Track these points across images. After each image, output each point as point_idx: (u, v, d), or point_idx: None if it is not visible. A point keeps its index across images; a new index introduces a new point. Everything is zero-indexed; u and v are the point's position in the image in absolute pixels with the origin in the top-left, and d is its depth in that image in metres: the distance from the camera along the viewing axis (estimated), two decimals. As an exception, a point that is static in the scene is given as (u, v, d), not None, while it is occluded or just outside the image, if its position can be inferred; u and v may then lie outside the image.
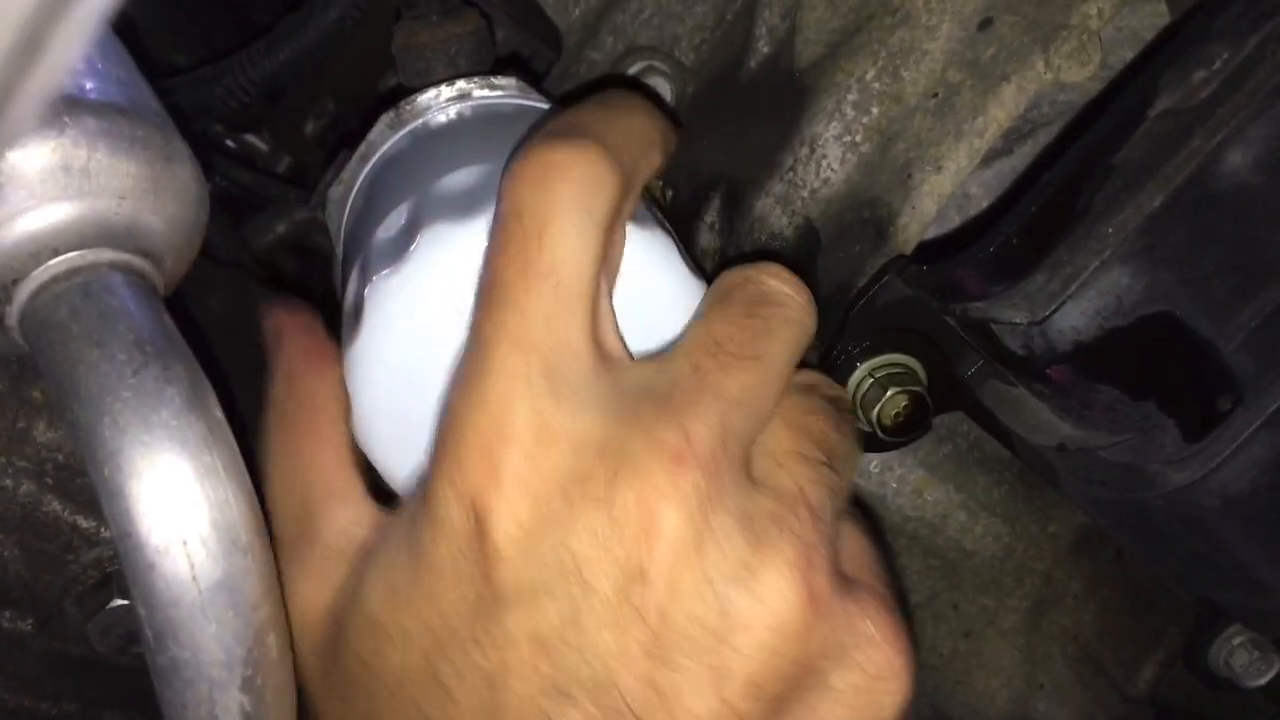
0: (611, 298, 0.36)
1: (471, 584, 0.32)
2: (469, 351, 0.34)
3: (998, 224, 0.36)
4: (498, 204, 0.35)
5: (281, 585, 0.36)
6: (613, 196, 0.35)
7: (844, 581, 0.34)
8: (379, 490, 0.39)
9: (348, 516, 0.37)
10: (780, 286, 0.37)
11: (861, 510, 0.39)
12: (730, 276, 0.38)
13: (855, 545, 0.37)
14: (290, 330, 0.41)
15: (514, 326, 0.33)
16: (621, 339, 0.36)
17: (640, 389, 0.34)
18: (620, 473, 0.32)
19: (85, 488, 0.42)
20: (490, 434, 0.32)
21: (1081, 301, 0.37)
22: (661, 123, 0.39)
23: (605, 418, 0.33)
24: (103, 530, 0.43)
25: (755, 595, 0.32)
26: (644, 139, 0.38)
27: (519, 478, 0.32)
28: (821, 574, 0.32)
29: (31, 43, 0.18)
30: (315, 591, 0.36)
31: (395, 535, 0.35)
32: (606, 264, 0.35)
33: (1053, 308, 0.37)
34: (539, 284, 0.33)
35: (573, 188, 0.34)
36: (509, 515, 0.32)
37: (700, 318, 0.37)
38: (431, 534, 0.33)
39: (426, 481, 0.34)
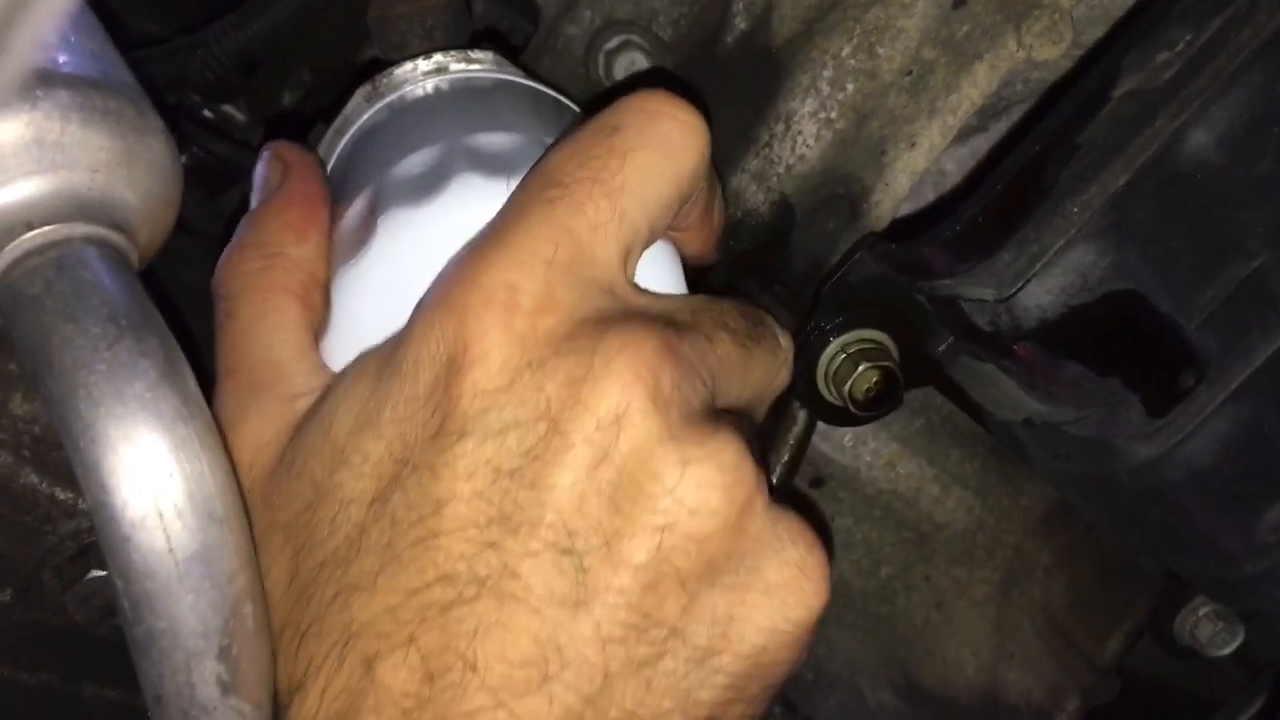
0: (638, 259, 0.37)
1: (440, 414, 0.33)
2: (501, 221, 0.35)
3: (964, 203, 0.37)
4: (599, 116, 0.36)
5: (228, 420, 0.37)
6: (699, 165, 0.37)
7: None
8: None
9: (316, 366, 0.38)
10: (782, 332, 0.41)
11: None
12: (748, 304, 0.40)
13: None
14: (301, 170, 0.41)
15: (561, 210, 0.34)
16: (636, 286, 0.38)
17: (644, 309, 0.36)
18: (611, 336, 0.33)
19: (62, 460, 0.42)
20: (505, 286, 0.33)
21: (1047, 279, 0.38)
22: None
23: (612, 301, 0.35)
24: (80, 502, 0.43)
25: (714, 462, 0.33)
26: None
27: (513, 326, 0.33)
28: (762, 482, 0.35)
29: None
30: (271, 426, 0.36)
31: (371, 362, 0.36)
32: (664, 220, 0.37)
33: (1018, 285, 0.38)
34: (599, 198, 0.35)
35: (677, 131, 0.36)
36: (496, 355, 0.33)
37: (714, 297, 0.39)
38: (413, 360, 0.34)
39: (414, 321, 0.35)
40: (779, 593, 0.34)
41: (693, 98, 0.37)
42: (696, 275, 0.42)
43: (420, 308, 0.35)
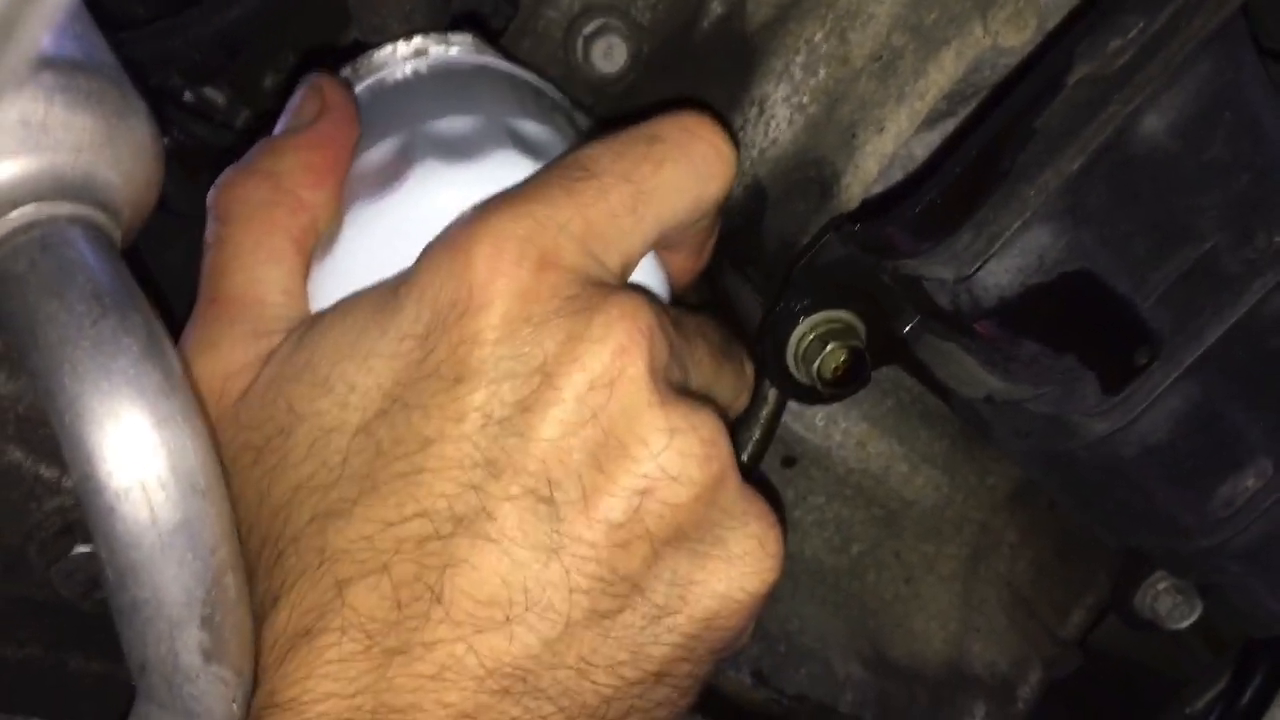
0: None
1: (440, 354, 0.34)
2: (525, 187, 0.36)
3: (926, 184, 0.38)
4: (643, 125, 0.38)
5: (197, 340, 0.37)
6: (724, 189, 0.38)
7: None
8: None
9: (302, 310, 0.38)
10: (749, 361, 0.44)
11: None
12: (722, 325, 0.43)
13: None
14: (338, 113, 0.40)
15: (585, 198, 0.35)
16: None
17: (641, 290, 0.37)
18: (612, 301, 0.34)
19: (47, 437, 0.43)
20: (519, 240, 0.34)
21: (1005, 259, 0.39)
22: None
23: (614, 280, 0.36)
24: (65, 479, 0.44)
25: (698, 434, 0.35)
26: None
27: (520, 278, 0.34)
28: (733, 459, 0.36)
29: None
30: (244, 350, 0.37)
31: (366, 300, 0.36)
32: (667, 235, 0.38)
33: (977, 265, 0.39)
34: (625, 194, 0.36)
35: (712, 152, 0.37)
36: (500, 305, 0.34)
37: (696, 315, 0.41)
38: (417, 303, 0.35)
39: (419, 264, 0.35)
40: (738, 563, 0.35)
41: (729, 131, 0.39)
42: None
43: (428, 250, 0.36)
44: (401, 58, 0.45)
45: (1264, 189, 0.41)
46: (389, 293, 0.36)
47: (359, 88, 0.45)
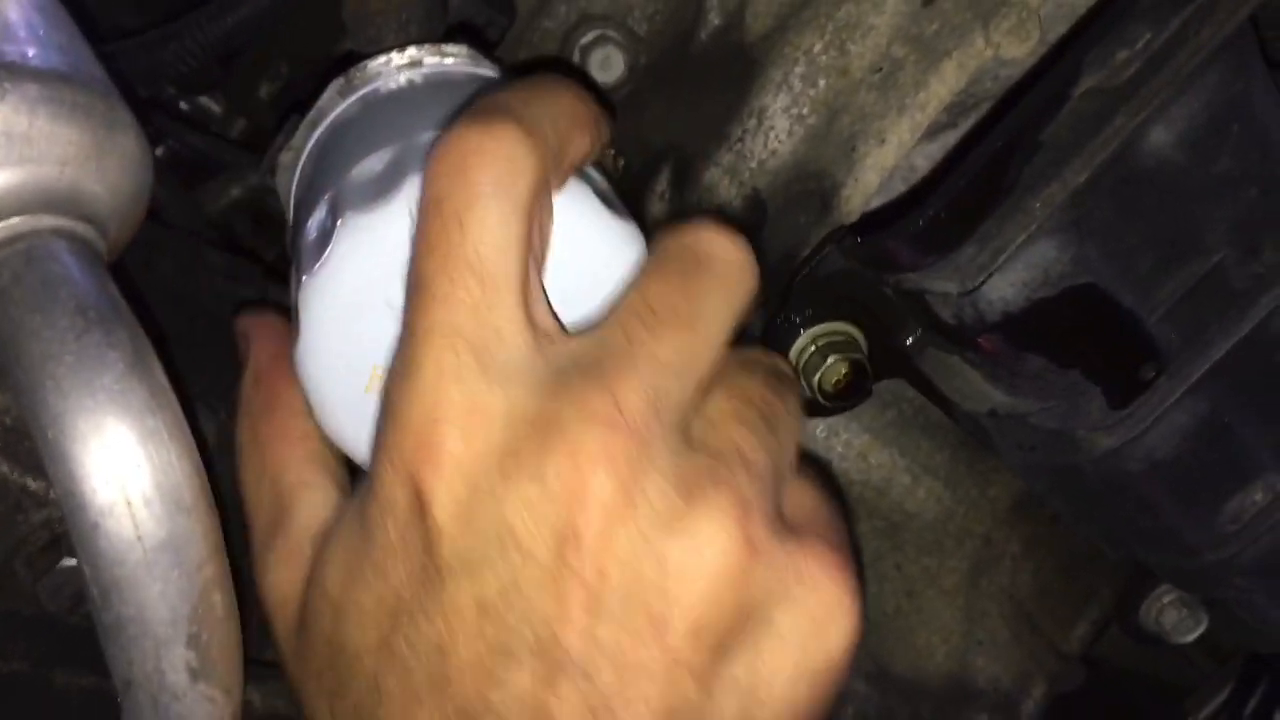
0: (541, 275, 0.36)
1: (417, 558, 0.33)
2: (401, 344, 0.35)
3: (929, 197, 0.37)
4: (421, 192, 0.35)
5: (257, 574, 0.38)
6: (535, 178, 0.35)
7: (786, 529, 0.35)
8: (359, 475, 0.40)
9: (318, 503, 0.39)
10: (718, 247, 0.37)
11: (823, 477, 0.40)
12: (669, 237, 0.38)
13: (805, 499, 0.37)
14: (257, 333, 0.43)
15: (441, 318, 0.34)
16: (554, 314, 0.37)
17: (573, 361, 0.34)
18: (551, 442, 0.33)
19: (34, 450, 0.42)
20: (425, 419, 0.33)
21: (1009, 273, 0.39)
22: (592, 106, 0.39)
23: (538, 392, 0.33)
24: (51, 492, 0.43)
25: (691, 545, 0.32)
26: (571, 118, 0.37)
27: (454, 457, 0.33)
28: (759, 523, 0.33)
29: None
30: (287, 577, 0.38)
31: (349, 517, 0.36)
32: (533, 244, 0.35)
33: (981, 279, 0.38)
34: (463, 275, 0.34)
35: (492, 172, 0.34)
36: (446, 492, 0.33)
37: (635, 282, 0.37)
38: (378, 514, 0.34)
39: (373, 466, 0.35)
40: (795, 639, 0.33)
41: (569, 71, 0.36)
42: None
43: (373, 451, 0.35)
44: (396, 68, 0.45)
45: (1272, 202, 0.41)
46: (361, 506, 0.36)
47: (352, 98, 0.45)
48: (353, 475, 0.41)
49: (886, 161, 0.47)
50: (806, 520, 0.36)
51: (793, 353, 0.46)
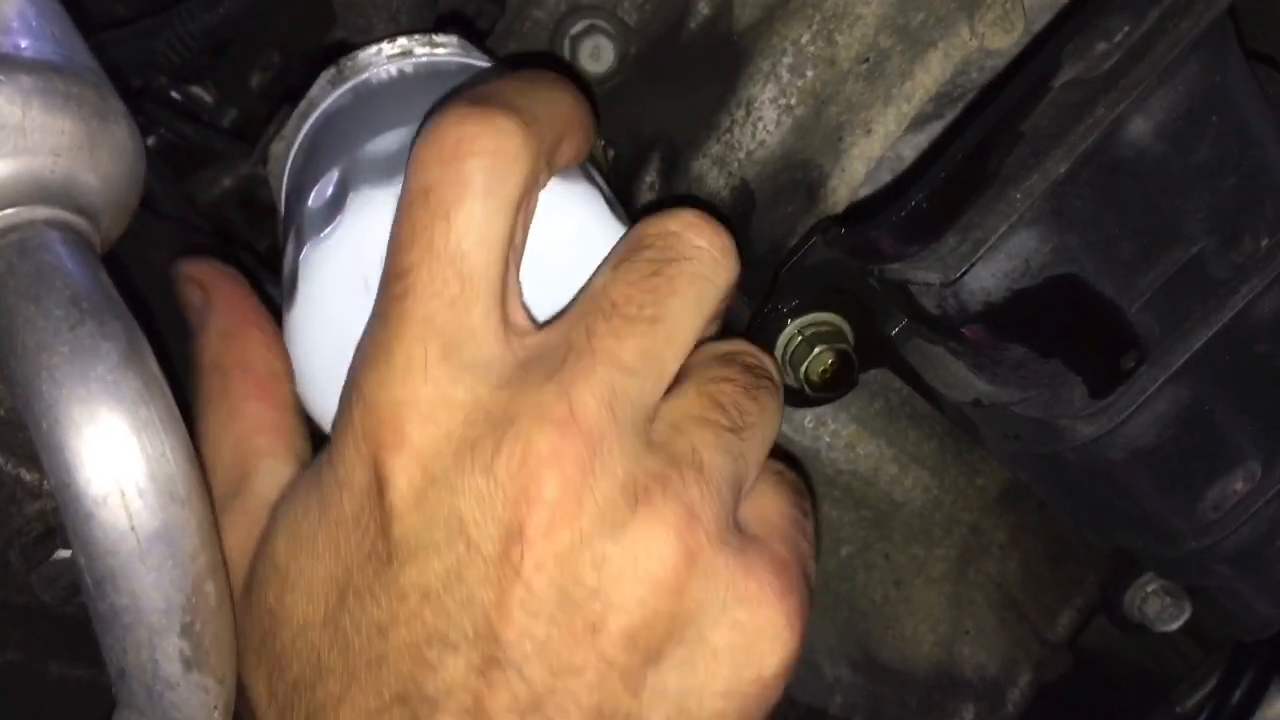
0: (518, 269, 0.36)
1: (370, 538, 0.34)
2: (373, 327, 0.35)
3: (911, 188, 0.38)
4: (405, 178, 0.35)
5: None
6: (527, 174, 0.34)
7: (733, 541, 0.34)
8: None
9: (281, 474, 0.39)
10: (692, 238, 0.36)
11: (798, 480, 0.40)
12: (640, 229, 0.37)
13: (768, 507, 0.37)
14: (219, 286, 0.42)
15: (417, 310, 0.34)
16: (526, 309, 0.36)
17: (539, 357, 0.34)
18: (505, 439, 0.33)
19: (28, 441, 0.42)
20: (392, 405, 0.33)
21: (991, 263, 0.39)
22: (587, 106, 0.39)
23: (500, 389, 0.34)
24: (46, 483, 0.43)
25: (630, 552, 0.33)
26: (567, 118, 0.37)
27: (416, 444, 0.33)
28: (703, 534, 0.33)
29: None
30: (239, 544, 0.37)
31: (303, 488, 0.36)
32: (515, 240, 0.35)
33: (963, 269, 0.39)
34: (444, 271, 0.34)
35: (484, 165, 0.33)
36: (405, 477, 0.33)
37: (601, 275, 0.37)
38: (336, 489, 0.35)
39: (333, 442, 0.35)
40: (728, 656, 0.34)
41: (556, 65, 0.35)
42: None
43: (335, 427, 0.36)
44: (387, 58, 0.45)
45: (1251, 192, 0.41)
46: (317, 477, 0.36)
47: (343, 88, 0.45)
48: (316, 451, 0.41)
49: (873, 152, 0.47)
50: (765, 532, 0.36)
51: (779, 343, 0.46)
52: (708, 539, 0.33)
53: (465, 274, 0.34)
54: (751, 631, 0.34)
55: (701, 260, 0.36)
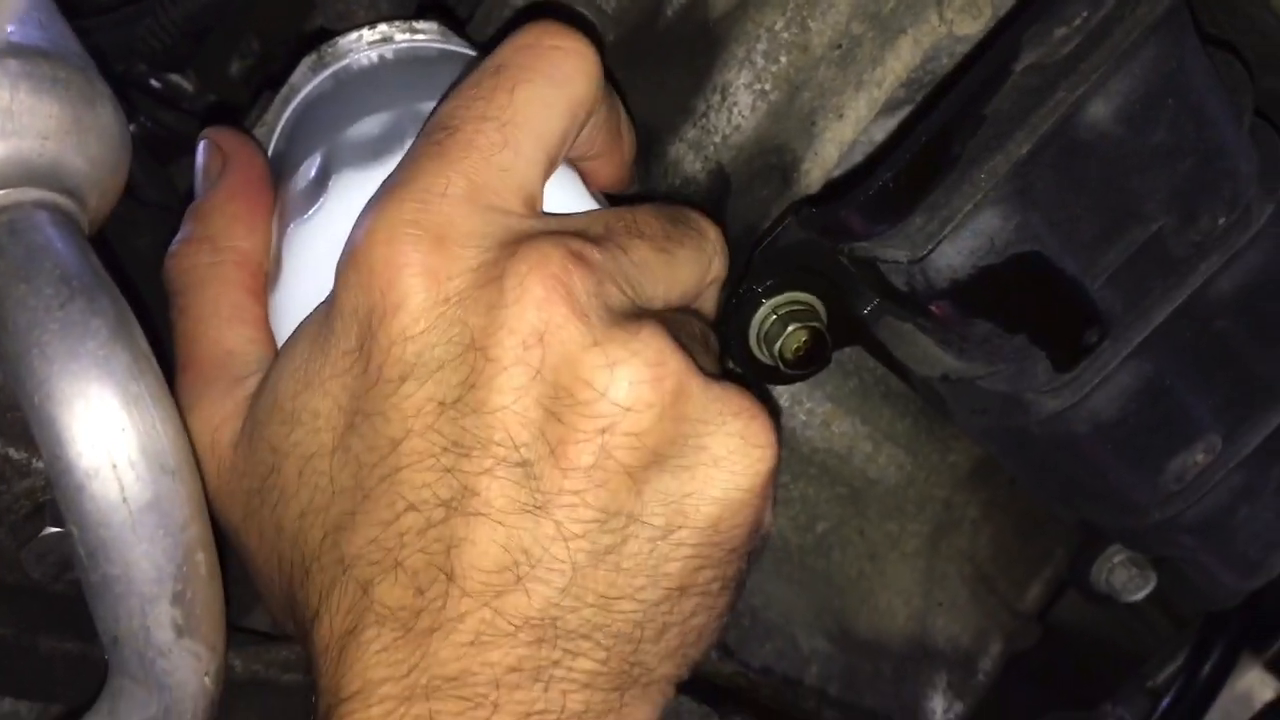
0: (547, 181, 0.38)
1: (378, 362, 0.35)
2: (399, 167, 0.37)
3: (878, 168, 0.39)
4: (490, 56, 0.37)
5: (185, 404, 0.38)
6: (593, 98, 0.37)
7: (718, 368, 0.39)
8: None
9: (267, 350, 0.40)
10: (707, 225, 0.41)
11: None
12: (666, 205, 0.41)
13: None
14: (240, 157, 0.43)
15: (453, 152, 0.36)
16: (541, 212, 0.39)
17: (555, 219, 0.37)
18: (520, 256, 0.35)
19: (16, 420, 0.43)
20: (398, 225, 0.35)
21: (957, 241, 0.40)
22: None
23: (518, 224, 0.36)
24: (34, 461, 0.44)
25: (644, 359, 0.35)
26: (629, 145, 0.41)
27: (422, 264, 0.35)
28: (701, 359, 0.37)
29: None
30: (226, 406, 0.39)
31: (307, 330, 0.38)
32: (559, 151, 0.38)
33: (930, 247, 0.40)
34: (492, 134, 0.36)
35: (562, 62, 0.37)
36: (413, 298, 0.35)
37: (628, 206, 0.40)
38: (343, 321, 0.36)
39: (341, 273, 0.36)
40: (725, 464, 0.36)
41: (581, 25, 0.38)
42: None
43: (339, 267, 0.37)
44: (368, 44, 0.46)
45: (1208, 173, 0.43)
46: (322, 318, 0.37)
47: (324, 74, 0.46)
48: None
49: (845, 136, 0.48)
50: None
51: (754, 322, 0.47)
52: (706, 364, 0.37)
53: (511, 142, 0.36)
54: (745, 441, 0.36)
55: (711, 240, 0.41)
